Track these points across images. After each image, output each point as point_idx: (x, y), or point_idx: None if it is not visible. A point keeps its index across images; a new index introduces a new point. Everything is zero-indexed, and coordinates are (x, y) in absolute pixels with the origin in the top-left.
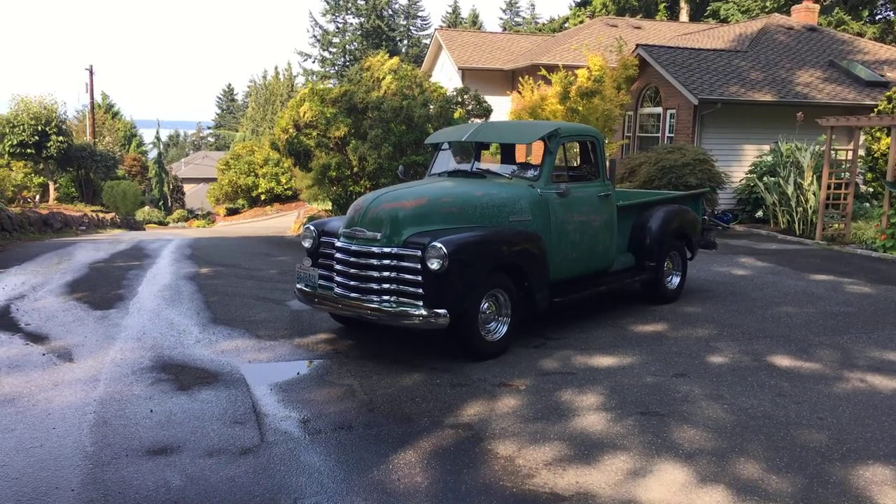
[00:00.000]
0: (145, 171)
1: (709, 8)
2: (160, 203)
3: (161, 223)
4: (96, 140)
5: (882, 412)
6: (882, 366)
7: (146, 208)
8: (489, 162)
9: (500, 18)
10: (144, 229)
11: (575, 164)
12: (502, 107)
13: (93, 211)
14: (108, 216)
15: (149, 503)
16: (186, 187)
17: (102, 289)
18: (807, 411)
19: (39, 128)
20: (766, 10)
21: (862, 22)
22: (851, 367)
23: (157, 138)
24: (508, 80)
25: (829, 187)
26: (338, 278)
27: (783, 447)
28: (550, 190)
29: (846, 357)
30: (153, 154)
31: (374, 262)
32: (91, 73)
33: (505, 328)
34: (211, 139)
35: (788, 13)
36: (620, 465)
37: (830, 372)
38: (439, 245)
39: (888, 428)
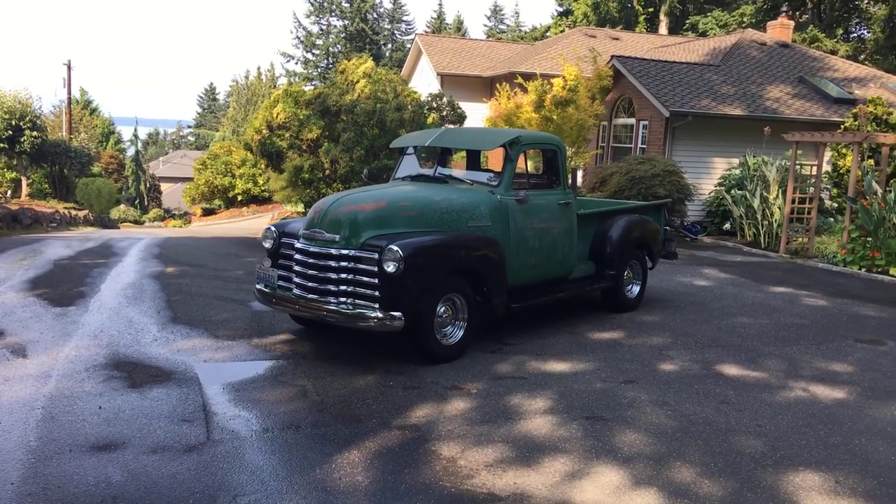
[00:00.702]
0: (122, 169)
1: (688, 21)
2: (136, 202)
3: (136, 222)
4: (72, 136)
5: (819, 421)
6: (825, 376)
7: (121, 207)
8: (459, 168)
9: (485, 25)
10: (119, 228)
11: (537, 172)
12: (479, 113)
13: (65, 208)
14: (82, 214)
15: (87, 498)
16: (164, 186)
17: (64, 286)
18: (747, 419)
19: (13, 122)
20: (744, 25)
21: (835, 40)
22: (796, 377)
23: (135, 136)
24: (487, 86)
25: (793, 201)
26: (297, 279)
27: (719, 453)
28: (510, 196)
29: (792, 367)
30: (131, 152)
31: (333, 263)
32: (69, 68)
33: (461, 332)
34: (191, 138)
35: (765, 29)
36: (559, 468)
37: (775, 381)
38: (395, 248)
39: (823, 436)
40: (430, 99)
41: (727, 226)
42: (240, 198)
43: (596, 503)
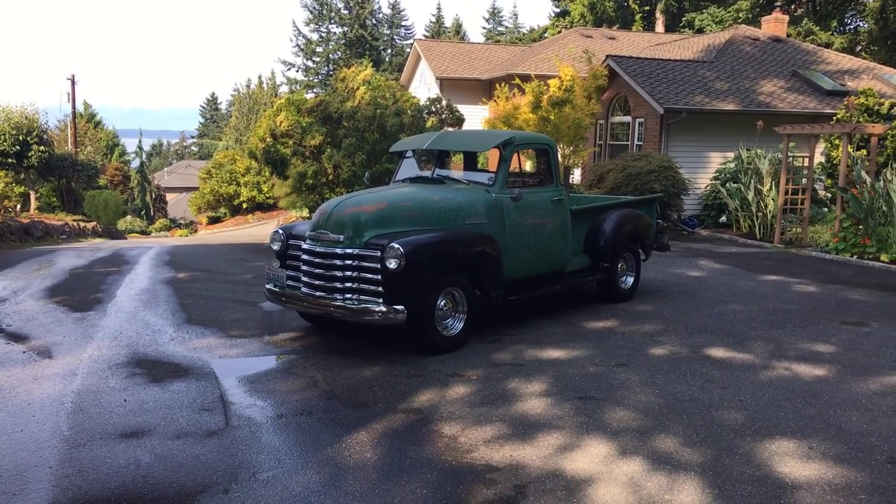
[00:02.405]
0: (127, 181)
1: (684, 19)
2: (142, 212)
3: (143, 232)
4: (78, 149)
5: (799, 395)
6: (808, 356)
7: (128, 217)
8: (458, 169)
9: (483, 28)
10: (126, 238)
11: (530, 171)
12: (479, 115)
13: (74, 220)
14: (90, 225)
15: (119, 477)
16: (169, 196)
17: (81, 293)
18: (730, 395)
19: (21, 137)
20: (740, 20)
21: (830, 32)
22: (780, 358)
23: (140, 147)
24: (486, 89)
25: (786, 192)
26: (304, 278)
27: (701, 425)
28: (505, 194)
29: (777, 348)
30: (136, 163)
31: (338, 262)
32: (73, 82)
33: (461, 324)
34: (195, 148)
35: (760, 24)
36: (552, 442)
37: (759, 361)
38: (397, 245)
39: (801, 408)
40: (428, 103)
41: (723, 218)
42: (245, 205)
43: (586, 471)
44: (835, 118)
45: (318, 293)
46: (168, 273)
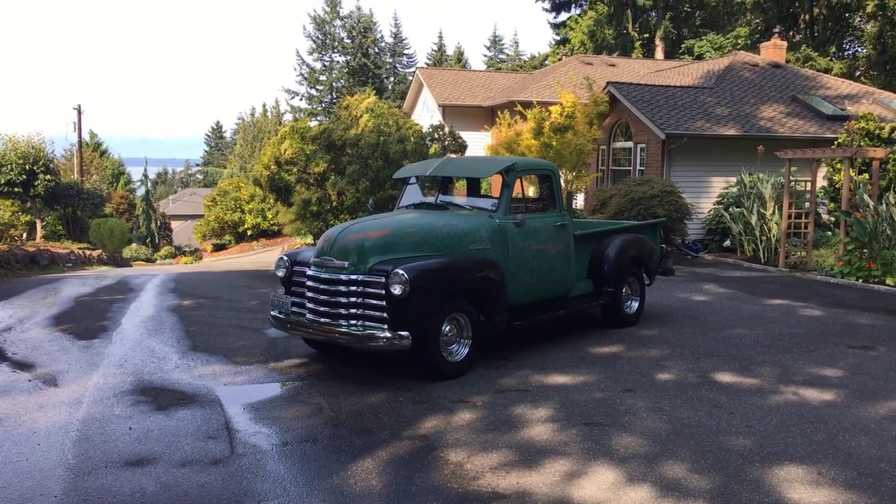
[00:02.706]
0: (133, 209)
1: (683, 45)
2: (147, 240)
3: (148, 260)
4: (84, 178)
5: (807, 420)
6: (815, 380)
7: (133, 245)
8: (462, 195)
9: (485, 56)
10: (131, 266)
11: (533, 196)
12: (481, 142)
13: (80, 248)
14: (95, 253)
15: None
16: (174, 224)
17: (87, 321)
18: (737, 420)
19: (27, 167)
20: (738, 46)
21: (829, 58)
22: (787, 382)
23: (145, 175)
24: (487, 116)
25: (789, 216)
26: (309, 304)
27: (709, 451)
28: (508, 220)
29: (784, 373)
30: (141, 191)
31: (343, 288)
32: (79, 112)
33: (466, 350)
34: (199, 176)
35: (759, 50)
36: (559, 468)
37: (767, 386)
38: (401, 272)
39: (809, 433)
40: (431, 130)
41: (727, 243)
42: (249, 232)
43: (593, 498)
44: (836, 142)
45: (322, 319)
46: (173, 300)
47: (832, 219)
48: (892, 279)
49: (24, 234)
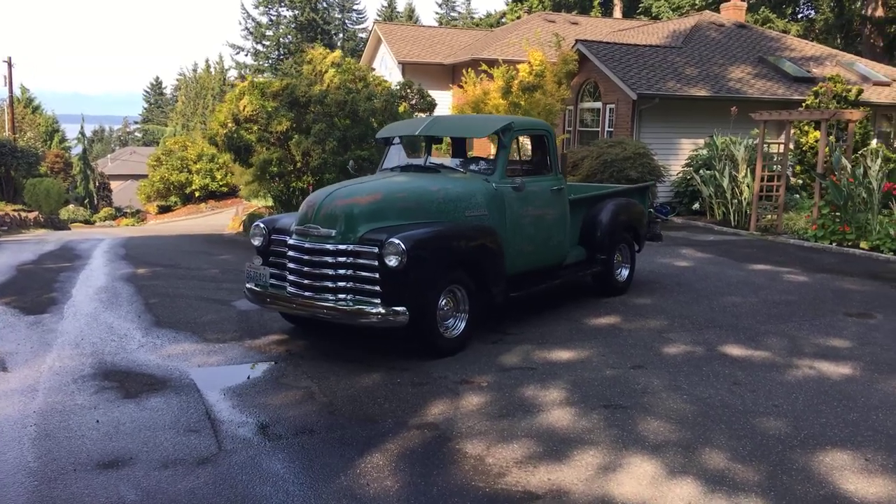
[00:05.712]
0: (69, 168)
1: (641, 5)
2: (86, 201)
3: (87, 222)
4: (17, 136)
5: (833, 398)
6: (827, 352)
7: (71, 206)
8: (438, 156)
9: (436, 13)
10: (70, 228)
11: (527, 158)
12: (443, 101)
13: (14, 210)
14: (31, 215)
15: None
16: (114, 184)
17: (33, 292)
18: (763, 399)
19: None
20: (696, 7)
21: (786, 20)
22: (799, 355)
23: (82, 133)
24: (449, 74)
25: (762, 179)
26: (291, 277)
27: (744, 436)
28: (506, 184)
29: (793, 345)
30: (77, 150)
31: (329, 259)
32: (10, 65)
33: (463, 324)
34: (139, 134)
35: (717, 10)
36: (590, 461)
37: (780, 360)
38: (397, 241)
39: (841, 413)
40: (399, 87)
41: (696, 206)
42: (197, 194)
43: (637, 496)
44: (804, 104)
45: (306, 293)
46: (126, 268)
47: (798, 181)
48: (867, 243)
49: None
